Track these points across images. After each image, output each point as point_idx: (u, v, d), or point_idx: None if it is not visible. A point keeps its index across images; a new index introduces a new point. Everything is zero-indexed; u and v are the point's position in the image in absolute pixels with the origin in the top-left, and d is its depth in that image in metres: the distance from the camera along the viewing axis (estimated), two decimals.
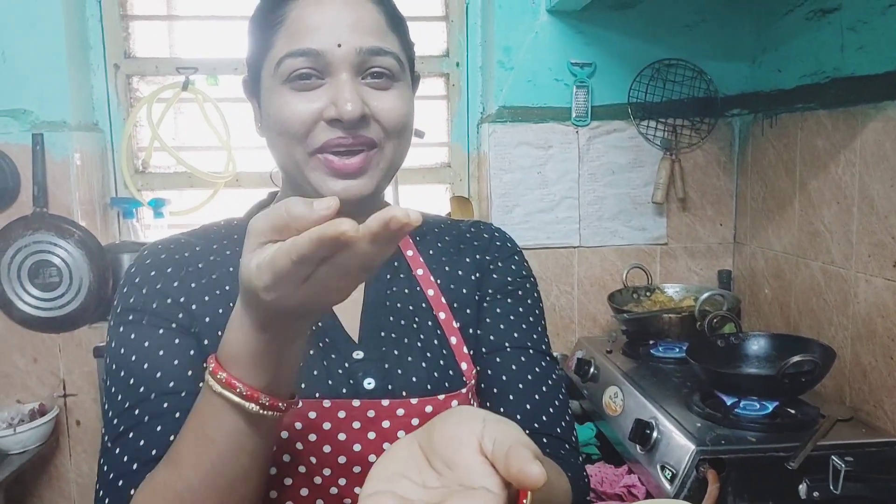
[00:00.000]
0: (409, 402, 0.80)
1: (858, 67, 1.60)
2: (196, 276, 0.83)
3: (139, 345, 0.77)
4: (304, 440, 0.76)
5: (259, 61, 0.82)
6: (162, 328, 0.78)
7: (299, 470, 0.76)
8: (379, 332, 0.85)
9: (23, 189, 2.04)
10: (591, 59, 2.09)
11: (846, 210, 1.65)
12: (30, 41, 2.02)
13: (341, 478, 0.77)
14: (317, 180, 0.80)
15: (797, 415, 1.40)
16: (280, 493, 0.76)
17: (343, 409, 0.78)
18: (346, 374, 0.81)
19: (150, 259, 0.83)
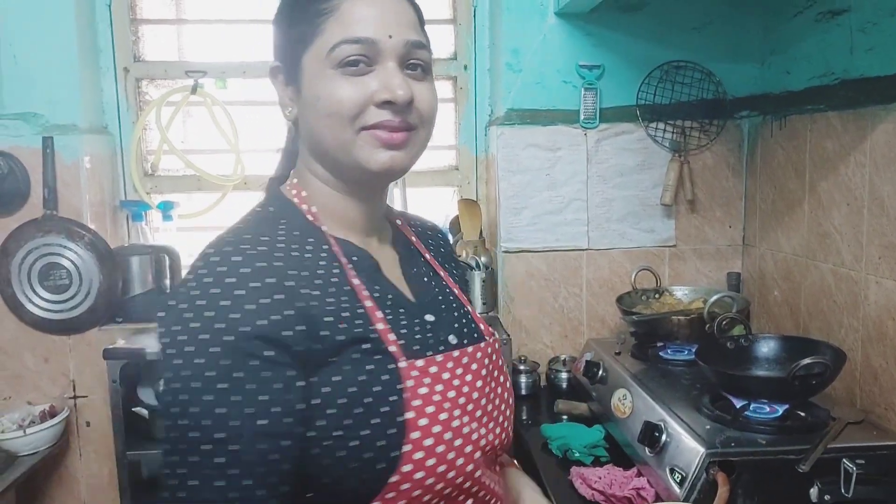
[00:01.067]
0: (478, 346, 0.96)
1: (868, 69, 1.59)
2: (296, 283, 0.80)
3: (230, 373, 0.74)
4: (432, 389, 0.85)
5: (301, 47, 0.88)
6: (256, 358, 0.75)
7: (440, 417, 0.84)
8: (428, 299, 0.98)
9: (33, 192, 2.05)
10: (599, 62, 2.09)
11: (856, 211, 1.64)
12: (40, 45, 2.03)
13: (464, 416, 0.87)
14: (365, 154, 0.87)
15: (807, 417, 1.39)
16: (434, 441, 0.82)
17: (450, 360, 0.90)
18: (434, 334, 0.92)
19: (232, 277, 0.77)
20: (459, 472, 0.84)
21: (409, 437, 0.80)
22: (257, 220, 0.89)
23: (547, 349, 2.19)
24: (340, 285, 0.85)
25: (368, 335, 0.83)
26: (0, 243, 2.04)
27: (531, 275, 2.16)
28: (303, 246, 0.86)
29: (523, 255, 2.16)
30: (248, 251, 0.79)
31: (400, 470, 0.79)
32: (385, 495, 0.80)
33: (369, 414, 0.79)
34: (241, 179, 2.26)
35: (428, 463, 0.81)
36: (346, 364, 0.80)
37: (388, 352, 0.83)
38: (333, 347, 0.80)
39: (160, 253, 2.21)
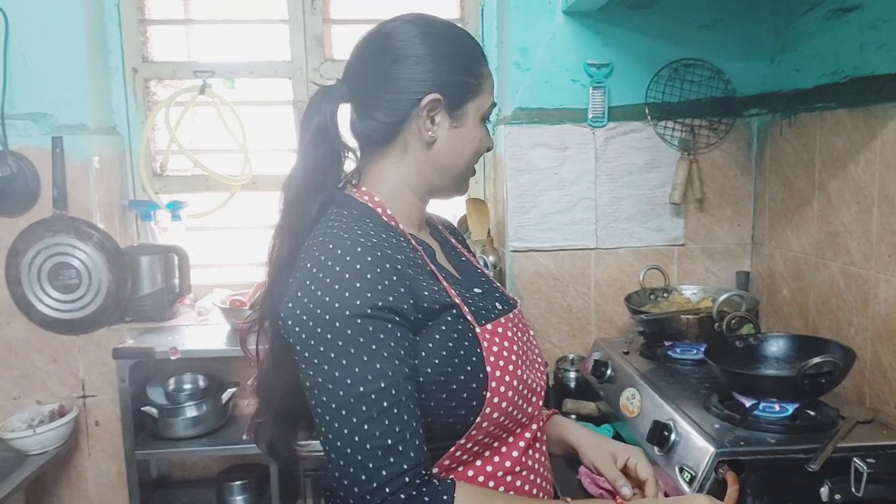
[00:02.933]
0: (514, 312, 1.15)
1: (878, 66, 1.58)
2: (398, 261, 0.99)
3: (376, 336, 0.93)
4: (501, 346, 1.05)
5: (469, 95, 1.10)
6: (390, 322, 0.94)
7: (509, 369, 1.03)
8: (470, 277, 1.17)
9: (42, 192, 2.06)
10: (607, 60, 2.09)
11: (866, 210, 1.63)
12: (50, 46, 2.04)
13: (523, 365, 1.08)
14: (466, 185, 1.18)
15: (817, 416, 1.39)
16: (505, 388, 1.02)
17: (509, 321, 1.10)
18: (485, 304, 1.10)
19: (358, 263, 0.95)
20: (521, 411, 1.06)
21: (489, 385, 1.00)
22: (350, 219, 1.04)
23: (555, 348, 2.19)
24: (423, 267, 1.05)
25: (454, 304, 1.02)
26: (10, 243, 2.05)
27: (539, 274, 2.16)
28: (389, 238, 1.04)
29: (531, 254, 2.16)
30: (364, 241, 0.98)
31: (483, 411, 0.99)
32: (471, 431, 1.00)
33: (461, 365, 1.00)
34: (250, 179, 2.27)
35: (503, 405, 1.01)
36: (442, 325, 1.00)
37: (467, 318, 1.03)
38: (432, 313, 0.99)
39: (169, 252, 2.22)
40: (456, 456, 1.02)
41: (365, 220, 1.05)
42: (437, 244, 1.19)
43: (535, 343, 1.20)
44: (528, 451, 1.11)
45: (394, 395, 0.92)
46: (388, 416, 0.91)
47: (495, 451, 1.07)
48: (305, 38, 2.29)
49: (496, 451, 1.08)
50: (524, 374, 1.07)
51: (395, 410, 0.92)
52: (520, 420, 1.08)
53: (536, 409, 1.13)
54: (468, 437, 1.01)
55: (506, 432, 1.07)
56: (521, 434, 1.10)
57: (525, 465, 1.10)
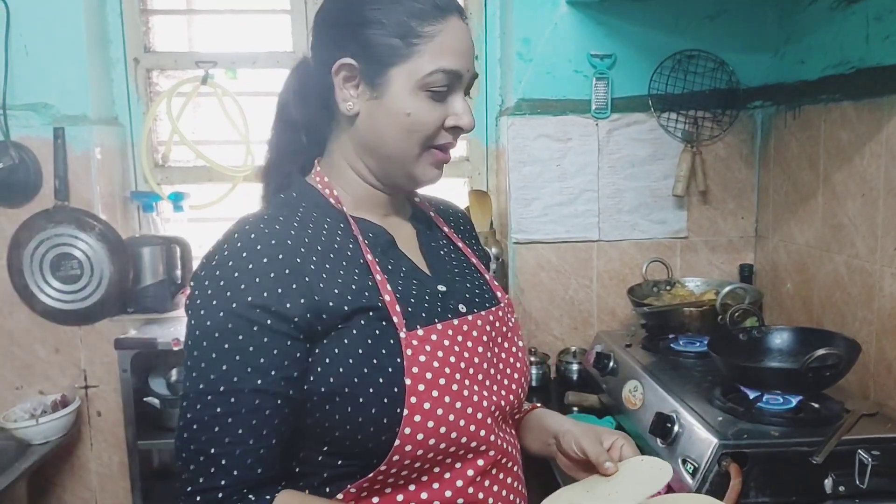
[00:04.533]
0: (490, 311, 1.04)
1: (884, 57, 1.57)
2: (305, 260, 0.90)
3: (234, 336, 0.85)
4: (433, 356, 0.92)
5: (392, 59, 0.93)
6: (257, 325, 0.85)
7: (439, 382, 0.91)
8: (445, 272, 1.06)
9: (44, 182, 2.06)
10: (610, 51, 2.07)
11: (871, 203, 1.62)
12: (51, 36, 2.03)
13: (465, 379, 0.94)
14: (423, 171, 0.99)
15: (821, 409, 1.38)
16: (432, 404, 0.89)
17: (450, 328, 0.96)
18: (444, 303, 0.99)
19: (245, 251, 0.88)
20: (461, 433, 0.92)
21: (407, 401, 0.88)
22: (279, 203, 0.99)
23: (557, 341, 2.18)
24: (354, 259, 0.95)
25: (375, 305, 0.91)
26: (11, 234, 2.05)
27: (541, 266, 2.15)
28: (320, 225, 0.95)
29: (534, 246, 2.15)
30: (264, 230, 0.90)
31: (402, 432, 0.87)
32: (392, 457, 0.88)
33: (373, 375, 0.88)
34: (252, 170, 2.26)
35: (428, 424, 0.89)
36: (354, 329, 0.90)
37: (392, 321, 0.91)
38: (341, 315, 0.89)
39: (171, 243, 2.22)
40: (378, 479, 0.91)
41: (300, 204, 0.97)
42: (410, 231, 1.08)
43: (517, 354, 1.06)
44: (481, 482, 0.96)
45: (232, 403, 0.84)
46: (220, 424, 0.84)
47: (436, 476, 0.94)
48: (307, 29, 2.28)
49: (437, 477, 0.94)
50: (470, 391, 0.93)
51: (230, 420, 0.84)
52: (465, 444, 0.93)
53: (492, 433, 0.97)
54: (389, 463, 0.89)
55: (447, 457, 0.93)
56: (472, 461, 0.95)
57: (473, 497, 0.95)
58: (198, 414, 0.85)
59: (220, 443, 0.84)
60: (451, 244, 1.14)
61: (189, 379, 0.87)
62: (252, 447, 0.84)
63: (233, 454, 0.84)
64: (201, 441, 0.84)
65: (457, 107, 0.97)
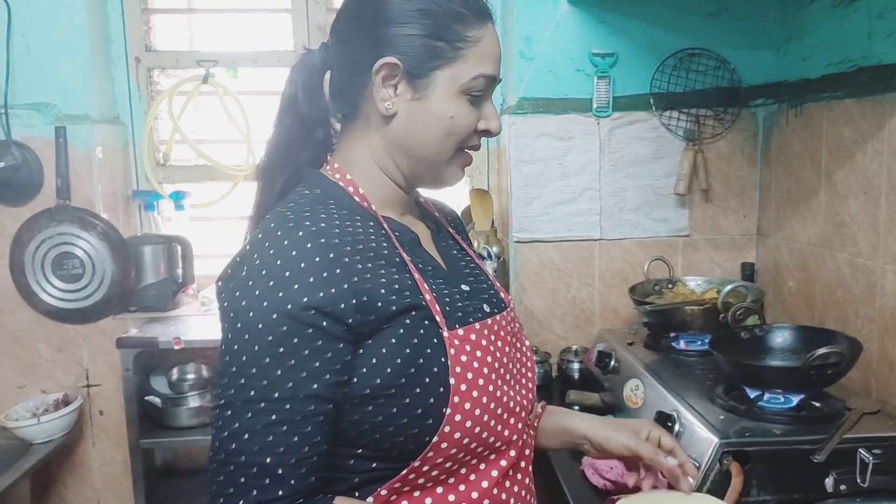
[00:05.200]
0: (504, 314, 1.04)
1: (886, 55, 1.57)
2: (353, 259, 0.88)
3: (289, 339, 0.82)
4: (472, 356, 0.92)
5: (437, 62, 0.94)
6: (312, 327, 0.83)
7: (479, 382, 0.91)
8: (461, 271, 1.07)
9: (46, 181, 2.06)
10: (612, 49, 2.07)
11: (873, 200, 1.62)
12: (53, 36, 2.04)
13: (498, 380, 0.95)
14: (452, 172, 1.01)
15: (823, 408, 1.38)
16: (471, 404, 0.89)
17: (486, 328, 0.97)
18: (471, 303, 0.99)
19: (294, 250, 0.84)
20: (491, 433, 0.93)
21: (451, 400, 0.88)
22: (308, 200, 0.94)
23: (559, 339, 2.18)
24: (391, 258, 0.93)
25: (419, 303, 0.91)
26: (14, 232, 2.05)
27: (543, 265, 2.15)
28: (353, 223, 0.93)
29: (535, 245, 2.15)
30: (309, 227, 0.87)
31: (442, 430, 0.87)
32: (427, 454, 0.88)
33: (419, 375, 0.88)
34: (253, 169, 2.26)
35: (467, 424, 0.89)
36: (400, 328, 0.88)
37: (435, 320, 0.91)
38: (387, 315, 0.88)
39: (172, 242, 2.22)
40: (409, 479, 0.90)
41: (328, 201, 0.95)
42: (428, 232, 1.08)
43: (528, 355, 1.08)
44: (503, 482, 0.98)
45: (287, 409, 0.81)
46: (274, 433, 0.81)
47: (462, 478, 0.94)
48: (308, 27, 2.28)
49: (463, 479, 0.94)
50: (500, 392, 0.95)
51: (285, 428, 0.81)
52: (492, 444, 0.94)
53: (515, 432, 0.98)
54: (423, 460, 0.89)
55: (474, 457, 0.94)
56: (495, 461, 0.96)
57: (497, 498, 0.96)
58: (248, 423, 0.81)
59: (276, 453, 0.80)
60: (457, 245, 1.14)
61: (234, 386, 0.82)
62: (306, 455, 0.82)
63: (288, 463, 0.81)
64: (254, 451, 0.80)
65: (488, 111, 0.99)
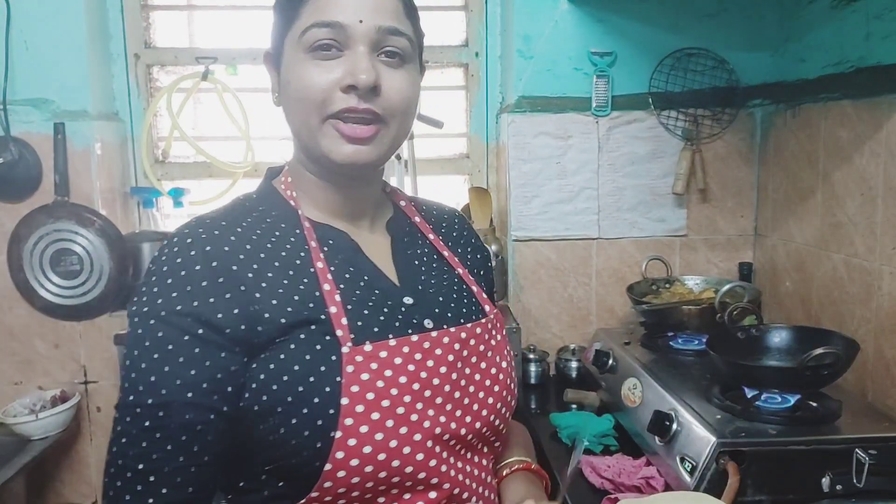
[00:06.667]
0: (449, 332, 0.92)
1: (884, 56, 1.57)
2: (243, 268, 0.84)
3: (164, 345, 0.80)
4: (377, 374, 0.83)
5: (283, 32, 0.88)
6: (188, 334, 0.80)
7: (382, 404, 0.82)
8: (416, 283, 0.97)
9: (44, 178, 2.06)
10: (611, 49, 2.08)
11: (870, 201, 1.62)
12: (51, 31, 2.03)
13: (418, 402, 0.85)
14: (328, 145, 0.87)
15: (819, 408, 1.38)
16: (370, 427, 0.81)
17: (406, 345, 0.87)
18: (405, 317, 0.91)
19: (179, 258, 0.83)
20: (406, 462, 0.83)
21: (342, 423, 0.80)
22: (232, 205, 0.93)
23: (556, 338, 2.19)
24: (303, 268, 0.87)
25: (318, 318, 0.84)
26: (11, 229, 2.05)
27: (541, 264, 2.16)
28: (272, 230, 0.89)
29: (533, 243, 2.15)
30: (202, 235, 0.84)
31: (333, 456, 0.79)
32: (323, 483, 0.80)
33: (308, 394, 0.81)
34: (252, 166, 2.26)
35: (364, 450, 0.80)
36: (292, 343, 0.82)
37: (336, 336, 0.83)
38: (278, 328, 0.82)
39: None
40: None
41: (259, 206, 0.92)
42: (383, 238, 1.00)
43: (495, 375, 0.95)
44: None
45: (161, 417, 0.78)
46: (148, 439, 0.78)
47: None
48: None
49: None
50: (421, 417, 0.84)
51: (158, 435, 0.78)
52: (410, 475, 0.84)
53: (446, 464, 0.87)
54: (321, 490, 0.81)
55: (393, 488, 0.84)
56: (422, 494, 0.86)
57: None
58: (126, 427, 0.79)
59: (149, 459, 0.78)
60: (434, 253, 1.04)
61: (122, 389, 0.81)
62: (182, 465, 0.78)
63: (161, 471, 0.78)
64: (129, 456, 0.78)
65: (350, 65, 0.84)
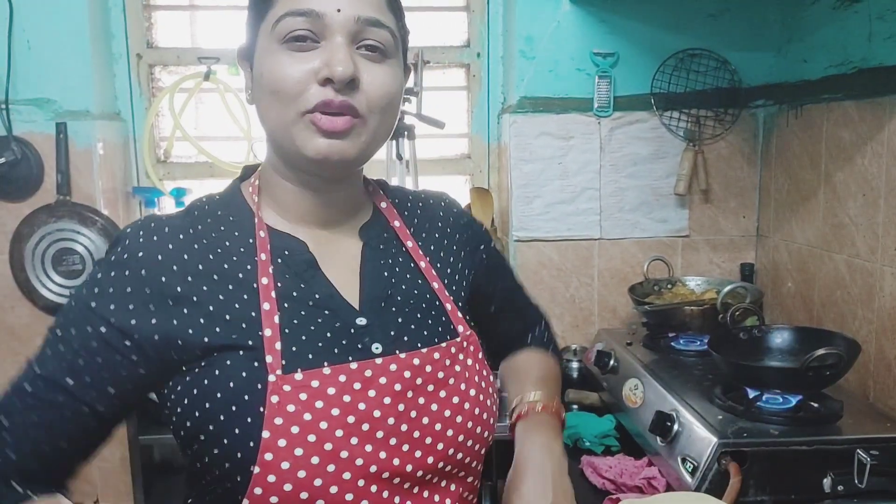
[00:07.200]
0: (398, 358, 0.84)
1: (886, 57, 1.57)
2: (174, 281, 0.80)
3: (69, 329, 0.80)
4: (306, 406, 0.77)
5: (256, 24, 0.83)
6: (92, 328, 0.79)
7: (308, 439, 0.76)
8: (379, 300, 0.88)
9: (46, 177, 2.06)
10: (613, 49, 2.07)
11: (872, 202, 1.62)
12: (54, 31, 2.03)
13: (353, 437, 0.78)
14: (303, 139, 0.80)
15: (820, 409, 1.39)
16: (292, 464, 0.75)
17: (343, 373, 0.80)
18: (350, 342, 0.83)
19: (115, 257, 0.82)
20: (333, 501, 0.76)
21: (261, 458, 0.74)
22: (190, 208, 0.89)
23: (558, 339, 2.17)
24: (246, 283, 0.82)
25: (246, 342, 0.79)
26: (13, 228, 2.05)
27: (542, 264, 2.16)
28: (222, 239, 0.84)
29: (535, 244, 2.15)
30: (140, 239, 0.82)
31: (252, 492, 0.75)
32: None
33: (231, 424, 0.76)
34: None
35: (285, 488, 0.74)
36: (218, 368, 0.78)
37: (265, 362, 0.78)
38: (200, 348, 0.79)
39: None
40: None
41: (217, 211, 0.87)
42: (351, 249, 0.91)
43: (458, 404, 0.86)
44: None
45: (40, 387, 0.79)
46: (22, 401, 0.79)
47: None
48: None
49: None
50: (354, 453, 0.77)
51: (30, 402, 0.79)
52: None
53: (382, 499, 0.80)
54: None
55: None
56: None
57: None
58: (16, 381, 0.81)
59: (11, 416, 0.79)
60: (409, 263, 0.94)
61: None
62: (39, 439, 0.78)
63: (15, 433, 0.78)
64: (2, 404, 0.80)
65: (327, 56, 0.79)
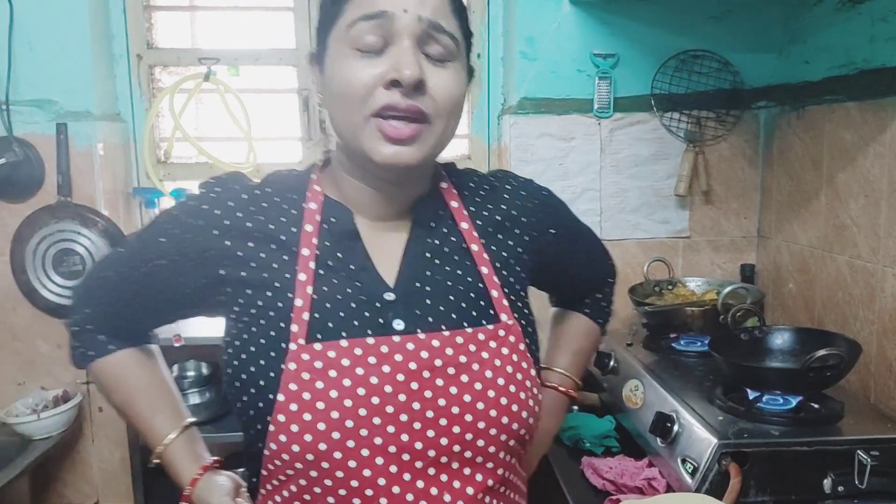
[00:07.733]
0: (417, 337, 0.84)
1: (889, 58, 1.57)
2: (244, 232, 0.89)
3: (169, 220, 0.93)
4: (320, 375, 0.80)
5: (327, 29, 0.86)
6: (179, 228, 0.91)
7: (317, 406, 0.79)
8: (414, 279, 0.89)
9: (47, 178, 2.06)
10: (614, 50, 2.07)
11: (874, 203, 1.62)
12: (55, 32, 2.03)
13: (361, 408, 0.80)
14: (370, 145, 0.83)
15: (821, 409, 1.38)
16: (300, 427, 0.79)
17: (359, 346, 0.82)
18: (373, 316, 0.85)
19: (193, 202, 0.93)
20: (351, 475, 0.79)
21: (275, 417, 0.80)
22: (265, 177, 0.97)
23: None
24: (286, 246, 0.88)
25: (276, 304, 0.85)
26: (14, 229, 2.05)
27: None
28: (276, 208, 0.91)
29: None
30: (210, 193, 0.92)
31: (269, 445, 0.82)
32: (267, 464, 0.84)
33: (257, 376, 0.83)
34: (254, 167, 2.26)
35: (293, 448, 0.79)
36: (253, 326, 0.85)
37: (289, 329, 0.83)
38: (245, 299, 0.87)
39: None
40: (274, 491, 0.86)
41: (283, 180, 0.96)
42: (400, 231, 0.92)
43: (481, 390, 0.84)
44: None
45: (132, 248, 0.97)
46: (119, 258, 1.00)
47: None
48: (310, 26, 2.27)
49: None
50: (365, 426, 0.79)
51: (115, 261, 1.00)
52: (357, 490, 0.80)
53: (398, 483, 0.81)
54: (269, 472, 0.85)
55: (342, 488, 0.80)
56: None
57: None
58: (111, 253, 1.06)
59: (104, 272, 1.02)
60: (460, 244, 0.93)
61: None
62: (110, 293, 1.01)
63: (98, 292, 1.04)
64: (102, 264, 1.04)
65: (394, 59, 0.80)
